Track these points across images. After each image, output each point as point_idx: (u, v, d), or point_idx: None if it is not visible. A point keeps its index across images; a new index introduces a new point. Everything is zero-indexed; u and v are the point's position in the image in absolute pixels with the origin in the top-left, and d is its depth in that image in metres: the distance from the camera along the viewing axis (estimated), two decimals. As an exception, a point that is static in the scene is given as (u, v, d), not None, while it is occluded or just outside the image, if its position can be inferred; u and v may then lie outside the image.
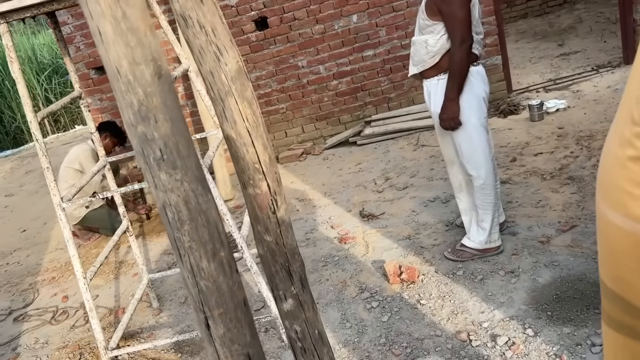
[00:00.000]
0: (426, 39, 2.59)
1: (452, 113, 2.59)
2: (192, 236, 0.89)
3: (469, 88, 2.59)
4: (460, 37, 2.48)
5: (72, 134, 10.52)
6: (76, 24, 5.17)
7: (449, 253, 2.92)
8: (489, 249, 2.83)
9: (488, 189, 2.73)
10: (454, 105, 2.58)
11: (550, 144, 4.02)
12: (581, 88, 4.97)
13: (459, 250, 2.88)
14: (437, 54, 2.58)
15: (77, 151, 4.46)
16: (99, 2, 0.80)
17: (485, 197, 2.74)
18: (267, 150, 1.32)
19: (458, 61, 2.52)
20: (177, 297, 3.32)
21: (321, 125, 5.56)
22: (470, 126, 2.63)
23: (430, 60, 2.61)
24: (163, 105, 0.84)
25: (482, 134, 2.67)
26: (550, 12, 8.44)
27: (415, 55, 2.67)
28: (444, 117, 2.62)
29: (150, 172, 0.87)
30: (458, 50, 2.50)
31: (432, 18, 2.54)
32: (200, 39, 1.21)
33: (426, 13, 2.56)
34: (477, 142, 2.66)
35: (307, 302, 1.47)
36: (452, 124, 2.61)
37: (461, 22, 2.47)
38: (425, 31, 2.60)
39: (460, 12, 2.46)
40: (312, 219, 3.89)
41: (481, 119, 2.65)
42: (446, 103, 2.60)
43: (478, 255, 2.83)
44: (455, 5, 2.45)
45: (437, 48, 2.57)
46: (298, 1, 5.13)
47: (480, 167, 2.69)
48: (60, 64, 12.95)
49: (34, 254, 4.68)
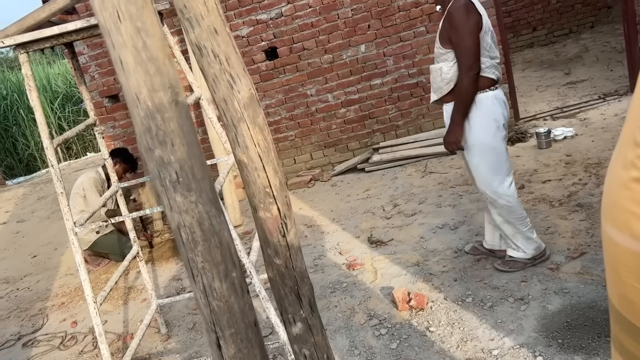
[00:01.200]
0: (441, 67, 2.68)
1: (455, 137, 2.67)
2: (205, 257, 0.92)
3: (487, 113, 2.65)
4: (467, 65, 2.55)
5: (83, 160, 10.66)
6: (91, 54, 5.30)
7: (500, 264, 2.93)
8: (537, 256, 2.86)
9: (512, 205, 2.76)
10: (457, 129, 2.66)
11: (559, 171, 4.03)
12: (588, 116, 5.00)
13: (509, 262, 2.91)
14: (451, 80, 2.66)
15: (83, 178, 4.53)
16: (121, 33, 0.85)
17: (512, 213, 2.78)
18: (278, 174, 1.36)
19: (464, 88, 2.60)
20: (186, 323, 3.32)
21: (329, 152, 5.61)
22: (487, 150, 2.68)
23: (446, 87, 2.69)
24: (180, 130, 0.88)
25: (501, 157, 2.71)
26: (556, 42, 8.54)
27: (434, 82, 2.77)
28: (447, 139, 2.71)
29: (166, 194, 0.90)
30: (464, 77, 2.58)
31: (445, 46, 2.63)
32: (215, 68, 1.26)
33: (440, 42, 2.65)
34: (494, 165, 2.71)
35: (316, 326, 1.48)
36: (454, 147, 2.70)
37: (468, 50, 2.54)
38: (440, 59, 2.69)
39: (466, 40, 2.53)
40: (320, 245, 3.90)
41: (498, 142, 2.69)
42: (451, 126, 2.68)
43: (529, 263, 2.86)
44: (463, 34, 2.52)
45: (451, 75, 2.65)
46: (307, 32, 5.24)
47: (499, 188, 2.73)
48: (74, 92, 13.21)
49: (44, 279, 4.71)
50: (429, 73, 5.25)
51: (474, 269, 3.02)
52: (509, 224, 2.83)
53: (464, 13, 2.51)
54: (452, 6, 2.55)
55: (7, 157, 12.03)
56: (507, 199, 2.75)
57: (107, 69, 5.34)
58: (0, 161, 11.69)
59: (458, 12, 2.52)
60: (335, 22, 5.21)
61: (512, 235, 2.85)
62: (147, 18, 0.85)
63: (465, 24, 2.51)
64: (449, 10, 2.57)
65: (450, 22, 2.55)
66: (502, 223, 2.84)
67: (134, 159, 4.66)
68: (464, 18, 2.51)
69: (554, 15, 8.57)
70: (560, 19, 8.57)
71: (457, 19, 2.52)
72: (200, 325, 3.24)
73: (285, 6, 5.18)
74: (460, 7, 2.52)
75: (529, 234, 2.84)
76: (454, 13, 2.53)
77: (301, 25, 5.23)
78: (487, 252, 3.11)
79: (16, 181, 10.22)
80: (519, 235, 2.83)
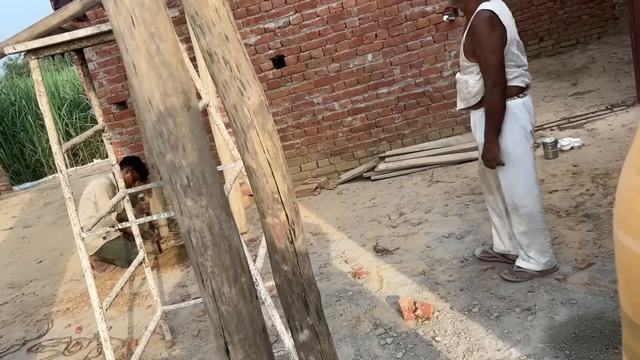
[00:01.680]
0: (467, 80, 2.67)
1: (493, 154, 2.65)
2: (214, 261, 0.92)
3: (514, 120, 2.64)
4: (492, 82, 2.53)
5: (90, 167, 10.70)
6: (100, 61, 5.34)
7: (507, 274, 2.91)
8: (547, 270, 2.84)
9: (536, 216, 2.76)
10: (494, 146, 2.64)
11: (565, 181, 4.01)
12: (596, 126, 4.98)
13: (517, 272, 2.89)
14: (477, 94, 2.66)
15: (95, 184, 4.56)
16: (134, 38, 0.86)
17: (533, 223, 2.77)
18: (286, 181, 1.36)
19: (491, 105, 2.58)
20: (190, 330, 3.31)
21: (335, 160, 5.62)
22: (515, 158, 2.68)
23: (472, 99, 2.70)
24: (191, 134, 0.88)
25: (527, 164, 2.71)
26: (563, 53, 8.54)
27: (460, 92, 2.77)
28: (486, 158, 2.68)
29: (177, 198, 0.90)
30: (490, 94, 2.56)
31: (470, 59, 2.61)
32: (225, 74, 1.27)
33: (464, 54, 2.62)
34: (522, 173, 2.70)
35: (323, 334, 1.47)
36: (494, 164, 2.68)
37: (493, 67, 2.51)
38: (465, 71, 2.68)
39: (490, 58, 2.50)
40: (325, 253, 3.89)
41: (527, 149, 2.70)
42: (486, 145, 2.66)
43: (537, 275, 2.84)
44: (487, 51, 2.48)
45: (477, 89, 2.64)
46: (314, 40, 5.27)
47: (526, 197, 2.72)
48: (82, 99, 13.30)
49: (50, 284, 4.72)
50: (435, 82, 5.28)
51: (481, 278, 3.01)
52: (526, 235, 2.81)
53: (488, 27, 2.46)
54: (476, 19, 2.50)
55: (14, 162, 12.11)
56: (531, 208, 2.74)
57: (115, 75, 5.38)
58: (8, 167, 11.76)
59: (482, 27, 2.47)
60: (343, 31, 5.24)
61: (527, 246, 2.83)
62: (161, 23, 0.86)
63: (488, 40, 2.47)
64: (473, 22, 2.52)
65: (474, 36, 2.51)
66: (520, 233, 2.83)
67: (145, 169, 4.69)
68: (488, 33, 2.46)
69: (560, 26, 8.58)
70: (567, 30, 8.58)
71: (480, 34, 2.48)
72: (205, 333, 3.23)
73: (293, 15, 5.21)
74: (484, 20, 2.47)
75: (545, 247, 2.81)
76: (478, 28, 2.49)
77: (309, 34, 5.26)
78: (498, 255, 3.10)
79: (23, 187, 10.27)
80: (535, 247, 2.81)
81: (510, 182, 2.73)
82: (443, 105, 5.36)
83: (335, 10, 5.18)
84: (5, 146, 12.18)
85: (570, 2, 8.44)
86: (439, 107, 5.37)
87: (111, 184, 4.55)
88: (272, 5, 5.21)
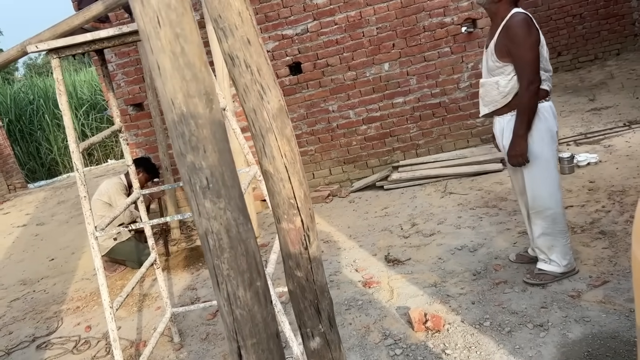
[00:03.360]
0: (497, 80, 2.71)
1: (521, 150, 2.69)
2: (230, 264, 0.92)
3: (542, 123, 2.70)
4: (528, 79, 2.60)
5: (104, 167, 10.80)
6: (119, 62, 5.40)
7: (529, 278, 2.95)
8: (568, 272, 2.90)
9: (559, 218, 2.81)
10: (522, 142, 2.68)
11: (581, 197, 3.96)
12: (613, 143, 4.93)
13: (539, 274, 2.93)
14: (509, 94, 2.71)
15: (108, 185, 4.58)
16: (160, 38, 0.86)
17: (556, 225, 2.82)
18: (303, 186, 1.35)
19: (526, 102, 2.63)
20: (199, 334, 3.31)
21: (348, 168, 5.61)
22: (543, 160, 2.73)
23: (502, 100, 2.74)
24: (212, 136, 0.88)
25: (553, 167, 2.78)
26: (580, 68, 8.49)
27: (486, 96, 2.80)
28: (512, 153, 2.72)
29: (196, 199, 0.90)
30: (526, 91, 2.61)
31: (502, 60, 2.66)
32: (246, 78, 1.27)
33: (496, 55, 2.67)
34: (548, 175, 2.76)
35: (335, 342, 1.46)
36: (520, 160, 2.72)
37: (530, 64, 2.58)
38: (495, 72, 2.72)
39: (529, 54, 2.57)
40: (336, 261, 3.87)
41: (553, 152, 2.76)
42: (515, 140, 2.70)
43: (559, 277, 2.89)
44: (525, 48, 2.56)
45: (509, 88, 2.69)
46: (332, 48, 5.28)
47: (550, 199, 2.78)
48: (98, 100, 13.44)
49: (61, 282, 4.75)
50: (451, 93, 5.26)
51: (493, 292, 2.98)
52: (547, 237, 2.86)
53: (526, 27, 2.55)
54: (512, 20, 2.58)
55: (30, 160, 12.26)
56: (555, 210, 2.80)
57: (132, 77, 5.43)
58: (23, 164, 11.91)
59: (520, 27, 2.56)
60: (360, 40, 5.24)
61: (547, 248, 2.87)
62: (187, 24, 0.86)
63: (527, 38, 2.55)
64: (508, 24, 2.60)
65: (511, 36, 2.58)
66: (541, 235, 2.87)
67: (156, 169, 4.72)
68: (527, 32, 2.55)
69: (579, 41, 8.53)
70: (585, 45, 8.52)
71: (519, 33, 2.56)
72: (214, 336, 3.22)
73: (312, 22, 5.24)
74: (521, 21, 2.56)
75: (566, 249, 2.87)
76: (516, 27, 2.56)
77: (326, 41, 5.28)
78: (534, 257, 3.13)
79: (37, 185, 10.39)
80: (557, 249, 2.86)
81: (536, 182, 2.78)
82: (459, 116, 5.34)
83: (354, 19, 5.19)
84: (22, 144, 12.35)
85: (589, 17, 8.40)
86: (454, 118, 5.35)
87: (123, 184, 4.58)
88: (291, 12, 5.24)
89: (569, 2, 8.43)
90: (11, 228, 7.11)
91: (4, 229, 7.02)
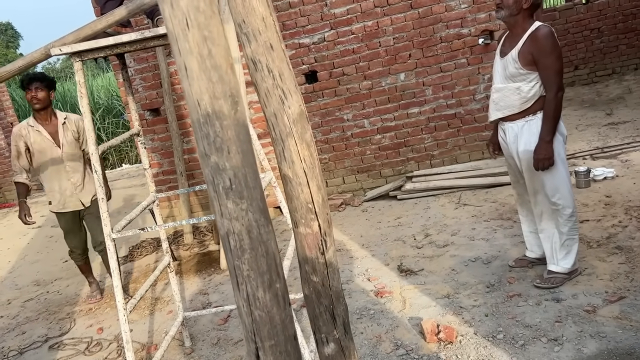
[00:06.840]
0: (519, 86, 2.84)
1: (548, 153, 2.82)
2: (251, 265, 0.92)
3: (557, 127, 2.87)
4: (557, 87, 2.76)
5: (119, 172, 10.89)
6: (137, 68, 5.47)
7: (539, 283, 3.05)
8: (574, 271, 3.06)
9: (574, 217, 2.97)
10: (549, 146, 2.82)
11: (597, 211, 3.92)
12: (630, 158, 4.88)
13: (549, 278, 3.04)
14: (530, 99, 2.84)
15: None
16: (188, 40, 0.88)
17: (573, 224, 2.97)
18: (321, 191, 1.36)
19: (556, 108, 2.78)
20: (210, 338, 3.31)
21: (362, 177, 5.61)
22: (559, 160, 2.88)
23: (521, 106, 2.87)
24: (237, 138, 0.89)
25: (566, 167, 2.94)
26: (598, 82, 8.43)
27: (502, 101, 2.93)
28: (539, 157, 2.83)
29: (218, 200, 0.91)
30: (554, 98, 2.77)
31: (527, 67, 2.79)
32: (268, 82, 1.28)
33: (520, 63, 2.80)
34: (565, 174, 2.92)
35: (349, 349, 1.46)
36: (547, 163, 2.84)
37: (558, 73, 2.75)
38: (516, 79, 2.85)
39: (557, 64, 2.74)
40: (348, 270, 3.86)
41: (565, 154, 2.94)
42: (542, 144, 2.82)
43: (567, 278, 3.03)
44: (553, 59, 2.73)
45: (532, 94, 2.83)
46: (348, 57, 5.31)
47: (568, 197, 2.93)
48: (115, 105, 13.60)
49: (74, 284, 4.79)
50: (467, 104, 5.25)
51: (507, 305, 2.95)
52: (568, 236, 2.98)
53: (553, 39, 2.73)
54: (540, 32, 2.74)
55: (46, 163, 12.38)
56: (573, 208, 2.95)
57: (150, 83, 5.49)
58: (40, 167, 12.03)
59: (548, 38, 2.72)
60: (377, 50, 5.26)
61: (567, 248, 3.01)
62: (214, 27, 0.88)
63: (554, 49, 2.73)
64: (536, 35, 2.74)
65: (540, 47, 2.73)
66: (556, 234, 3.00)
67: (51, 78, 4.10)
68: (554, 44, 2.73)
69: (597, 55, 8.48)
70: (603, 59, 8.47)
71: (548, 44, 2.72)
72: (225, 341, 3.23)
73: (329, 32, 5.27)
74: (549, 33, 2.73)
75: (575, 247, 3.01)
76: (545, 39, 2.72)
77: (342, 51, 5.30)
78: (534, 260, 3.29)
79: (53, 187, 10.47)
80: (574, 248, 3.01)
81: (556, 182, 2.90)
82: (474, 128, 5.32)
83: (371, 28, 5.22)
84: (39, 147, 12.49)
85: (607, 31, 8.35)
86: (469, 129, 5.33)
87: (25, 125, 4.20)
88: (309, 21, 5.28)
89: (587, 16, 8.40)
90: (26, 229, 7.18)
91: (19, 230, 7.10)
